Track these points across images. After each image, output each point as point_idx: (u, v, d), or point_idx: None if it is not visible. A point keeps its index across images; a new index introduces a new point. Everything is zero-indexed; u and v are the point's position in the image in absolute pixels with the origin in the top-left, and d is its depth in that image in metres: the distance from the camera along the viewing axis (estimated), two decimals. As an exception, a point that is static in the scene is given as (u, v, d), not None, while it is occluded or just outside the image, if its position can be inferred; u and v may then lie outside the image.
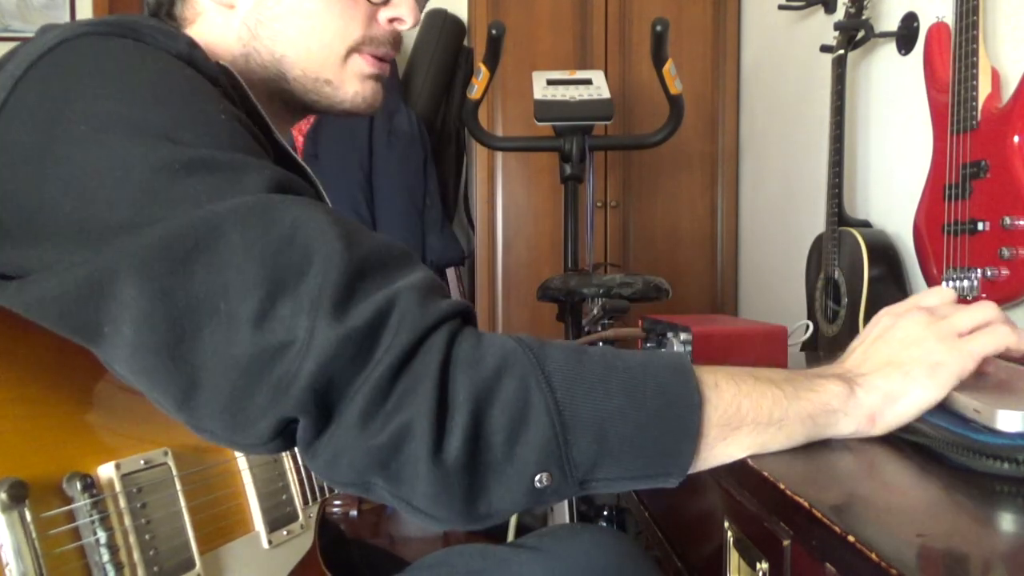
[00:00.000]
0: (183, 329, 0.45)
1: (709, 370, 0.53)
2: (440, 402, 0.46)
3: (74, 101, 0.50)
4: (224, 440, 0.48)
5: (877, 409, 0.55)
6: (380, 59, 0.72)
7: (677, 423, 0.50)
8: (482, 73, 1.90)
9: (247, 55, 0.69)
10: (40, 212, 0.48)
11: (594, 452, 0.48)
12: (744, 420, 0.52)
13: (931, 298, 0.62)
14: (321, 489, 0.83)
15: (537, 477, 0.47)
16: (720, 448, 0.52)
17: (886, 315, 0.61)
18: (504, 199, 2.53)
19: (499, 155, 2.50)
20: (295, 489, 0.79)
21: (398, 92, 2.54)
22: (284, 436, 0.48)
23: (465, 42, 2.72)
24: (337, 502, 2.63)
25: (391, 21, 0.71)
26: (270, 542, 0.73)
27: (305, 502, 0.80)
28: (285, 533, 0.76)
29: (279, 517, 0.76)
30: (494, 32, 1.82)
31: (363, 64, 0.70)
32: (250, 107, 0.64)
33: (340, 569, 0.81)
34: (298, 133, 2.63)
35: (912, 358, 0.56)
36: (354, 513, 2.60)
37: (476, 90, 1.92)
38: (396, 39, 0.72)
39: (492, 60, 1.89)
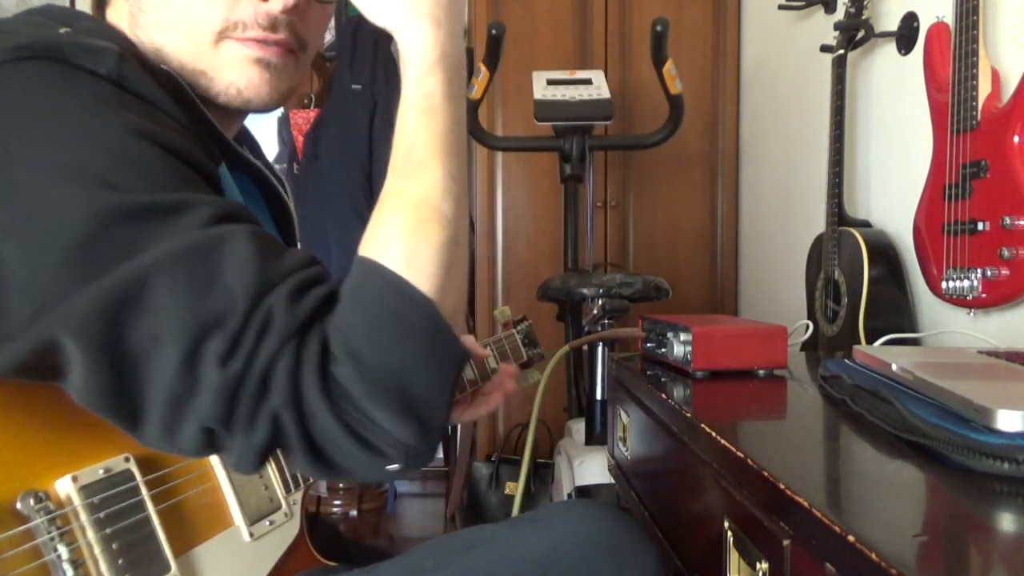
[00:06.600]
0: (124, 374, 0.50)
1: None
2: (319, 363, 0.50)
3: (9, 142, 0.50)
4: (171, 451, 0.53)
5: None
6: (264, 43, 0.65)
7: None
8: (482, 73, 1.90)
9: (140, 43, 0.65)
10: None
11: None
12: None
13: None
14: (304, 476, 0.82)
15: None
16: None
17: None
18: (504, 199, 2.53)
19: (499, 155, 2.50)
20: (275, 478, 0.79)
21: (399, 92, 2.54)
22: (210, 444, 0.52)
23: (465, 42, 2.73)
24: (337, 502, 2.63)
25: (262, 1, 0.64)
26: (251, 534, 0.73)
27: (287, 490, 0.79)
28: (268, 524, 0.75)
29: (260, 508, 0.75)
30: (494, 32, 1.82)
31: (240, 48, 0.64)
32: (192, 108, 0.63)
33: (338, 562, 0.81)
34: (298, 133, 2.63)
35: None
36: (354, 513, 2.60)
37: (476, 90, 1.92)
38: (273, 22, 0.64)
39: (492, 60, 1.89)
